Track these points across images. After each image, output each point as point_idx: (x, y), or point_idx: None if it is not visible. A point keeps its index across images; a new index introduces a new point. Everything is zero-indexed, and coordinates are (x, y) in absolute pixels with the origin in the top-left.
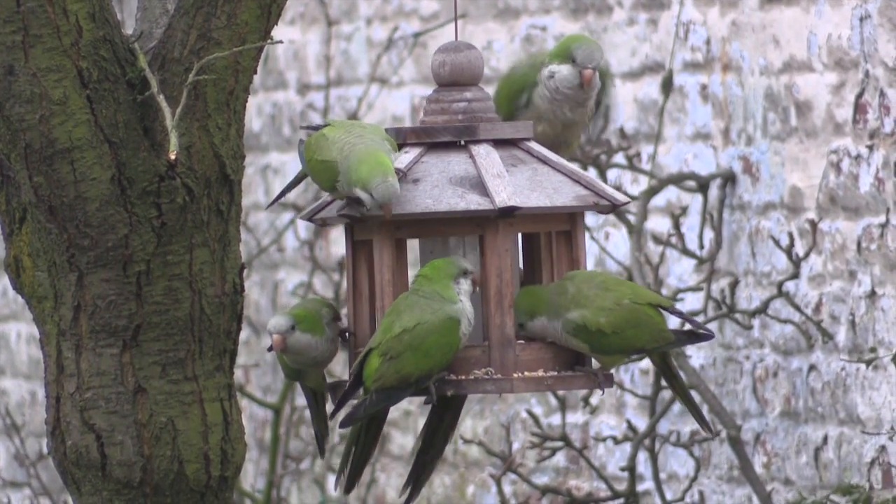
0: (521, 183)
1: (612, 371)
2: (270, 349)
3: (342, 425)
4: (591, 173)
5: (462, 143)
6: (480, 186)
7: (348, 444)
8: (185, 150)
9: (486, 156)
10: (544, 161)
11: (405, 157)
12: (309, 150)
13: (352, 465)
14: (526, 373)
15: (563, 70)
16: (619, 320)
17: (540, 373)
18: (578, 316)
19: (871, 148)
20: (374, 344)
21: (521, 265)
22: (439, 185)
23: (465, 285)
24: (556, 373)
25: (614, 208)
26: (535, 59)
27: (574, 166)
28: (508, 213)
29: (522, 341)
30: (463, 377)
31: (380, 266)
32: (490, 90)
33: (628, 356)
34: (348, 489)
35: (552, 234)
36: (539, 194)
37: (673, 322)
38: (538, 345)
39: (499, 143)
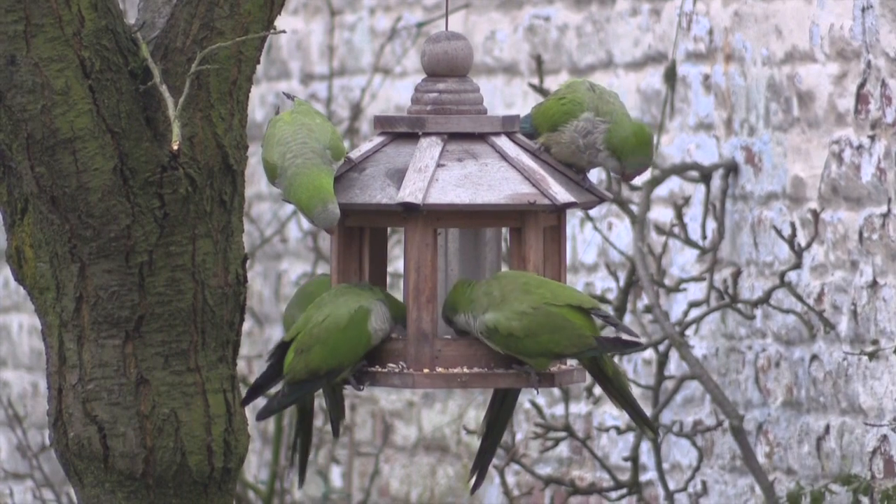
0: (449, 178)
1: (550, 370)
2: None
3: (258, 418)
4: None
5: (421, 133)
6: (403, 180)
7: (294, 438)
8: (187, 140)
9: (426, 148)
10: (503, 157)
11: (366, 146)
12: (266, 134)
13: (299, 458)
14: (440, 369)
15: (610, 162)
16: (532, 325)
17: (460, 369)
18: (491, 319)
19: (872, 138)
20: (288, 337)
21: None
22: (374, 176)
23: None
24: (484, 370)
25: (556, 209)
26: (593, 95)
27: (536, 164)
28: (411, 208)
29: (449, 336)
30: (379, 368)
31: (330, 254)
32: (483, 81)
33: (552, 360)
34: (300, 482)
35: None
36: (464, 191)
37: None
38: (468, 341)
39: (460, 136)
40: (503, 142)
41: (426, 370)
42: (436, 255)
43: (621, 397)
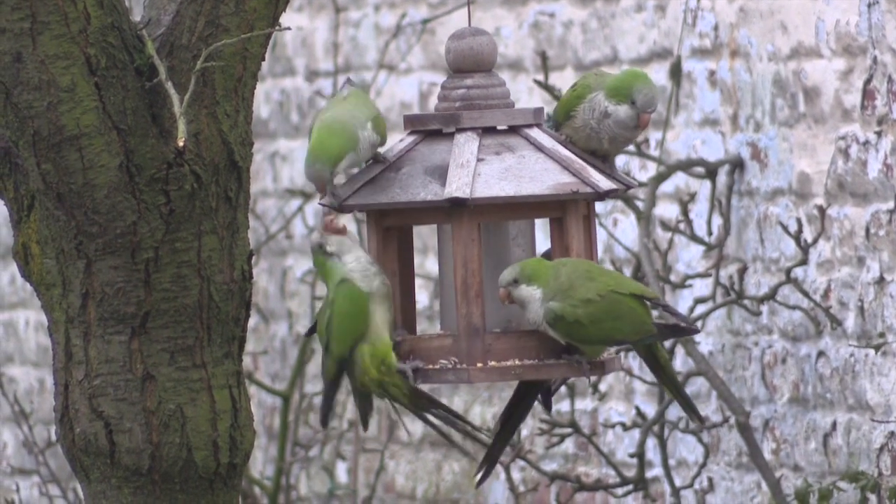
0: (491, 172)
1: (600, 359)
2: None
3: (323, 426)
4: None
5: (454, 130)
6: (446, 176)
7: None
8: (193, 136)
9: (464, 144)
10: (539, 148)
11: (399, 145)
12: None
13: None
14: (492, 362)
15: (621, 112)
16: (598, 312)
17: (512, 362)
18: (557, 307)
19: (879, 134)
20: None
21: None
22: (413, 175)
23: (333, 246)
24: (535, 361)
25: (599, 196)
26: (600, 78)
27: (571, 154)
28: (459, 203)
29: (498, 330)
30: (430, 366)
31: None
32: (503, 76)
33: (609, 347)
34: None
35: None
36: (508, 184)
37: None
38: (517, 333)
39: (494, 130)
40: (537, 133)
41: (479, 364)
42: (480, 249)
43: (673, 386)
